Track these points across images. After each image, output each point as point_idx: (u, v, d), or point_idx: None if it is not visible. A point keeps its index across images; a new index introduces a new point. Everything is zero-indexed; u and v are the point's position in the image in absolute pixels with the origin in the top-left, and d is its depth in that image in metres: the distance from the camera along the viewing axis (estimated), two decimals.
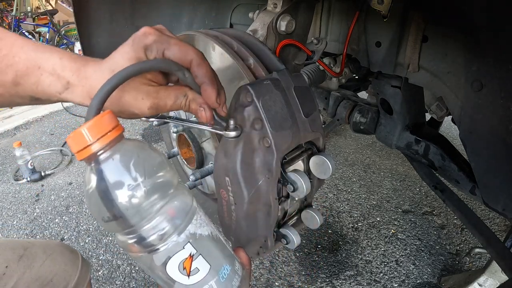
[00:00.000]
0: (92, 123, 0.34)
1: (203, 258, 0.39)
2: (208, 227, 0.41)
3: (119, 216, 0.34)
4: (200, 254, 0.39)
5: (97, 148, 0.34)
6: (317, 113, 0.55)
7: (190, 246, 0.38)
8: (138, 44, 0.40)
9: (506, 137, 0.67)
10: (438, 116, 1.10)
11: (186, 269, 0.38)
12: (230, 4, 1.24)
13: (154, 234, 0.36)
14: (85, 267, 0.80)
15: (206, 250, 0.40)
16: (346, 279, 1.50)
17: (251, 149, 0.50)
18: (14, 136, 2.97)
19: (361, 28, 0.93)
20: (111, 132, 0.35)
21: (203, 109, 0.44)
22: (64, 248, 0.81)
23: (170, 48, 0.40)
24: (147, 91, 0.42)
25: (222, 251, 0.42)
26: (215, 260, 0.40)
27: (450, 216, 1.84)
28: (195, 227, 0.39)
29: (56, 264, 0.75)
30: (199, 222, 0.40)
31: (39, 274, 0.71)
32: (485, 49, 0.66)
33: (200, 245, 0.39)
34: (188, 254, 0.38)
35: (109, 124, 0.35)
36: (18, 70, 0.42)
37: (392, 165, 2.31)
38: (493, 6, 0.60)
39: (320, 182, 0.62)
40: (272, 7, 0.81)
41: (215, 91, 0.43)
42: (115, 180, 0.34)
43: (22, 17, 5.31)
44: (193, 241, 0.38)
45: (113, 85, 0.37)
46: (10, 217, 1.97)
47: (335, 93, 1.29)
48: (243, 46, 0.62)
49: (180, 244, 0.37)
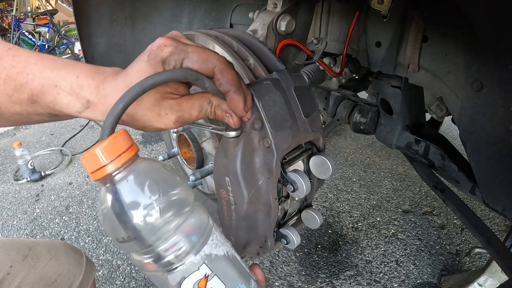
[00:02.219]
0: (106, 143, 0.34)
1: (218, 279, 0.38)
2: (224, 246, 0.41)
3: (135, 237, 0.34)
4: (216, 274, 0.38)
5: (111, 169, 0.34)
6: (317, 113, 0.55)
7: (206, 267, 0.38)
8: (155, 59, 0.38)
9: (506, 137, 0.67)
10: (438, 116, 1.10)
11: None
12: (230, 4, 1.24)
13: (171, 254, 0.35)
14: (89, 267, 0.80)
15: (221, 270, 0.39)
16: (346, 279, 1.50)
17: (251, 149, 0.50)
18: (14, 136, 2.98)
19: (361, 28, 0.93)
20: (126, 153, 0.34)
21: (230, 115, 0.42)
22: (69, 248, 0.81)
23: (189, 58, 0.38)
24: (170, 105, 0.41)
25: (238, 270, 0.42)
26: (230, 280, 0.40)
27: (450, 216, 1.84)
28: (211, 248, 0.39)
29: (60, 264, 0.75)
30: (215, 242, 0.39)
31: (43, 274, 0.71)
32: (485, 49, 0.66)
33: (216, 265, 0.39)
34: (203, 275, 0.37)
35: (123, 144, 0.35)
36: (34, 89, 0.40)
37: (392, 165, 2.31)
38: (493, 6, 0.60)
39: (320, 182, 0.62)
40: (272, 7, 0.81)
41: (242, 99, 0.40)
42: (130, 200, 0.34)
43: (22, 17, 5.31)
44: (209, 262, 0.38)
45: (126, 103, 0.36)
46: (10, 217, 1.97)
47: (335, 93, 1.29)
48: (243, 46, 0.62)
49: (196, 265, 0.37)
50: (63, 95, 0.40)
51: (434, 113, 1.12)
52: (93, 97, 0.40)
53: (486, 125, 0.71)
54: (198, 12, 1.32)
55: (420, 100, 1.05)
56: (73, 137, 2.83)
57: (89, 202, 2.06)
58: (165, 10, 1.35)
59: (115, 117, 0.36)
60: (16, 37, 5.07)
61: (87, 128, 2.98)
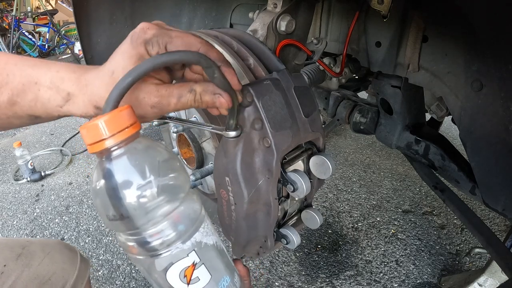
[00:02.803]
0: (110, 116, 0.33)
1: (205, 268, 0.38)
2: (214, 236, 0.41)
3: (125, 216, 0.33)
4: (203, 263, 0.38)
5: (111, 143, 0.32)
6: (317, 113, 0.55)
7: (195, 255, 0.37)
8: (137, 41, 0.38)
9: (506, 137, 0.67)
10: (438, 116, 1.10)
11: (187, 277, 0.37)
12: (230, 4, 1.24)
13: (159, 239, 0.35)
14: (83, 265, 0.80)
15: (209, 259, 0.39)
16: (346, 279, 1.50)
17: (251, 149, 0.50)
18: (14, 136, 2.97)
19: (361, 28, 0.93)
20: (129, 129, 0.33)
21: (220, 95, 0.40)
22: (63, 246, 0.81)
23: (173, 42, 0.38)
24: (149, 89, 0.40)
25: (224, 262, 0.42)
26: (216, 270, 0.40)
27: (450, 216, 1.84)
28: (201, 236, 0.38)
29: (54, 262, 0.75)
30: (206, 231, 0.39)
31: (37, 272, 0.71)
32: (485, 49, 0.66)
33: (204, 254, 0.38)
34: (191, 262, 0.37)
35: (127, 120, 0.33)
36: (14, 88, 0.40)
37: (392, 165, 2.31)
38: (493, 6, 0.60)
39: (320, 182, 0.62)
40: (272, 7, 0.81)
41: (233, 71, 0.40)
42: (125, 179, 0.33)
43: (22, 17, 5.31)
44: (198, 250, 0.38)
45: (134, 77, 0.34)
46: (10, 217, 1.97)
47: (335, 93, 1.29)
48: (243, 46, 0.62)
49: (185, 252, 0.37)
50: (43, 91, 0.40)
51: (434, 113, 1.12)
52: (73, 88, 0.40)
53: (486, 125, 0.71)
54: (198, 12, 1.32)
55: (420, 100, 1.05)
56: (73, 137, 2.83)
57: (89, 202, 2.05)
58: (165, 10, 1.35)
59: (121, 90, 0.34)
60: (16, 37, 5.07)
61: None
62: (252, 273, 1.53)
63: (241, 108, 0.49)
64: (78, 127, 3.08)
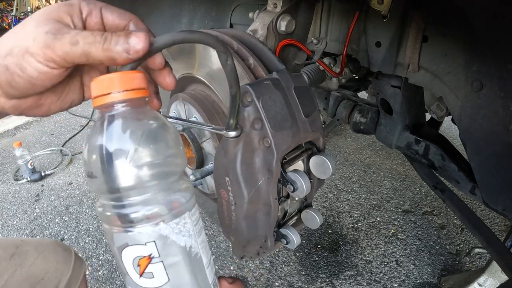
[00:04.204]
0: (123, 74, 0.32)
1: (163, 268, 0.34)
2: (191, 240, 0.35)
3: (109, 174, 0.31)
4: (162, 261, 0.33)
5: (118, 98, 0.32)
6: (317, 113, 0.55)
7: (153, 247, 0.33)
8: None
9: (506, 137, 0.67)
10: (438, 116, 1.10)
11: (140, 267, 0.33)
12: (230, 4, 1.24)
13: (127, 210, 0.32)
14: (78, 264, 0.80)
15: (172, 262, 0.34)
16: (346, 279, 1.50)
17: (251, 149, 0.50)
18: (14, 136, 2.97)
19: (361, 28, 0.93)
20: (139, 91, 0.33)
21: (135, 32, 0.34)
22: (57, 245, 0.80)
23: (108, 8, 0.36)
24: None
25: (194, 275, 0.36)
26: (178, 278, 0.35)
27: (450, 216, 1.84)
28: (170, 230, 0.33)
29: (48, 262, 0.74)
30: (180, 228, 0.34)
31: (30, 272, 0.70)
32: (485, 49, 0.66)
33: (167, 252, 0.34)
34: (147, 253, 0.33)
35: (139, 82, 0.33)
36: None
37: (392, 165, 2.31)
38: (493, 6, 0.60)
39: (320, 182, 0.62)
40: (272, 7, 0.81)
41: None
42: (122, 139, 0.31)
43: (22, 17, 5.31)
44: (160, 244, 0.33)
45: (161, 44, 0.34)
46: (10, 217, 1.97)
47: (335, 93, 1.29)
48: (243, 46, 0.62)
49: (143, 238, 0.32)
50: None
51: (434, 113, 1.12)
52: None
53: (486, 125, 0.71)
54: (198, 12, 1.32)
55: (420, 100, 1.05)
56: (73, 137, 2.83)
57: (89, 202, 2.05)
58: (165, 10, 1.35)
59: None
60: None
61: (87, 128, 2.98)
62: (252, 273, 1.53)
63: (241, 108, 0.49)
64: (78, 127, 3.07)
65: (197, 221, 0.37)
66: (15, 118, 3.24)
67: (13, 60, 0.32)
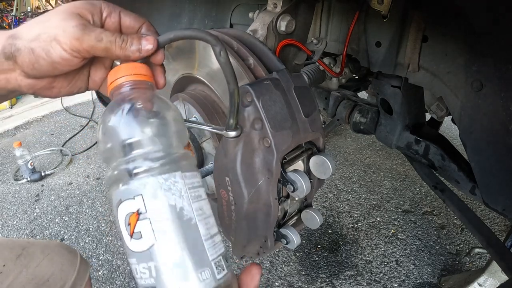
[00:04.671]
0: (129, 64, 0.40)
1: (150, 226, 0.32)
2: (183, 201, 0.33)
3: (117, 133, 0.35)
4: (149, 218, 0.32)
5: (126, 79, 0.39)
6: (317, 113, 0.55)
7: (141, 202, 0.32)
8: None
9: (506, 137, 0.67)
10: (438, 116, 1.10)
11: (131, 226, 0.32)
12: (230, 4, 1.24)
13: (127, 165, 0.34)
14: (83, 267, 0.80)
15: (159, 220, 0.32)
16: (346, 279, 1.50)
17: (251, 149, 0.50)
18: (14, 136, 2.97)
19: (361, 28, 0.93)
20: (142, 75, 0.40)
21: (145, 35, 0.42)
22: (63, 248, 0.81)
23: (125, 11, 0.43)
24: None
25: (186, 242, 0.32)
26: (166, 242, 0.32)
27: (450, 216, 1.84)
28: (158, 184, 0.33)
29: (53, 264, 0.75)
30: (168, 185, 0.33)
31: (35, 273, 0.71)
32: (485, 49, 0.66)
33: (154, 208, 0.32)
34: (135, 208, 0.32)
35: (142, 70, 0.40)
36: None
37: (392, 165, 2.31)
38: (493, 6, 0.60)
39: (320, 182, 0.62)
40: (272, 7, 0.81)
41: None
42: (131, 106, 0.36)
43: (22, 17, 5.31)
44: (147, 198, 0.32)
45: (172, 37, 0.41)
46: (10, 217, 1.97)
47: (335, 93, 1.29)
48: (243, 46, 0.62)
49: (132, 192, 0.33)
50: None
51: (434, 113, 1.12)
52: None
53: (486, 125, 0.71)
54: (198, 12, 1.32)
55: (420, 100, 1.05)
56: (73, 137, 2.83)
57: (89, 202, 2.06)
58: (165, 10, 1.35)
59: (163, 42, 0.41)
60: None
61: (87, 128, 2.98)
62: None
63: (241, 108, 0.49)
64: (78, 127, 3.08)
65: (194, 189, 0.36)
66: (15, 118, 3.24)
67: (40, 45, 0.37)
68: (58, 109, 3.38)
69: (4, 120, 3.22)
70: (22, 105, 3.50)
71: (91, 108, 3.28)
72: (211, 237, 0.35)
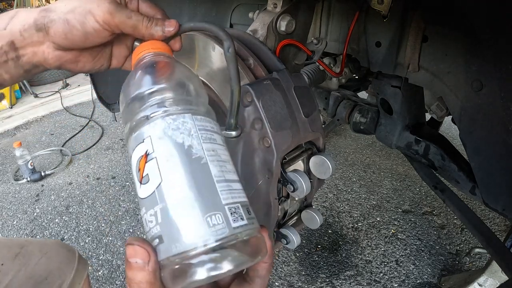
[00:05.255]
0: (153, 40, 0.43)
1: (156, 165, 0.30)
2: (191, 139, 0.32)
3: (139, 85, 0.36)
4: (156, 157, 0.30)
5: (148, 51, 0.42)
6: (317, 113, 0.55)
7: (149, 142, 0.31)
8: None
9: (506, 137, 0.67)
10: (438, 116, 1.10)
11: (140, 171, 0.31)
12: (230, 4, 1.24)
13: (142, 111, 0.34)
14: (81, 265, 0.80)
15: (166, 156, 0.30)
16: (346, 279, 1.50)
17: (251, 149, 0.50)
18: (14, 136, 2.97)
19: (361, 28, 0.93)
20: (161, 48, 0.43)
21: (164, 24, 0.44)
22: (61, 246, 0.81)
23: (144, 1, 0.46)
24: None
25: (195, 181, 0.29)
26: (173, 180, 0.29)
27: (450, 216, 1.84)
28: (166, 125, 0.32)
29: (51, 262, 0.75)
30: (177, 125, 0.32)
31: (33, 272, 0.71)
32: (485, 49, 0.66)
33: (161, 146, 0.31)
34: (144, 150, 0.31)
35: (161, 46, 0.43)
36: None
37: (392, 165, 2.31)
38: (493, 6, 0.60)
39: (320, 182, 0.62)
40: (272, 7, 0.81)
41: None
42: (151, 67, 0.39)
43: None
44: (155, 138, 0.31)
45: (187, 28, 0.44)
46: (10, 217, 1.97)
47: (335, 93, 1.29)
48: (243, 46, 0.62)
49: (141, 135, 0.32)
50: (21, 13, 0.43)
51: (434, 113, 1.12)
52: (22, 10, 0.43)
53: (486, 125, 0.71)
54: (198, 12, 1.32)
55: (420, 100, 1.05)
56: (73, 137, 2.83)
57: (89, 202, 2.06)
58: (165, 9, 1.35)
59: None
60: None
61: (87, 128, 2.98)
62: None
63: (242, 108, 0.49)
64: (78, 127, 3.07)
65: (206, 131, 0.34)
66: (16, 117, 3.24)
67: (75, 17, 0.40)
68: (58, 109, 3.37)
69: (4, 120, 3.22)
70: (22, 105, 3.50)
71: (91, 108, 3.28)
72: (226, 180, 0.31)
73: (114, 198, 2.07)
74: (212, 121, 0.36)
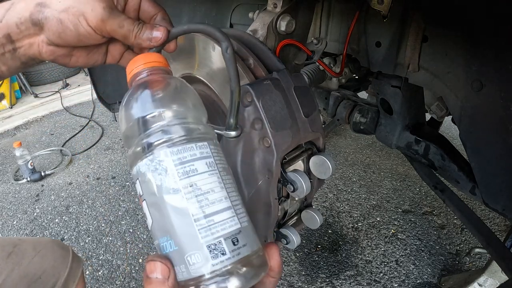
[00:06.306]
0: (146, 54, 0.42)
1: (147, 208, 0.33)
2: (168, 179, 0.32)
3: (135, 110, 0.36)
4: (145, 200, 0.33)
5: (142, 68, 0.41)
6: (317, 113, 0.55)
7: (139, 185, 0.34)
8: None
9: (506, 137, 0.67)
10: (438, 116, 1.10)
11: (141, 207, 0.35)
12: (230, 4, 1.24)
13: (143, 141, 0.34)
14: (75, 263, 0.80)
15: (152, 201, 0.32)
16: (346, 279, 1.50)
17: (251, 149, 0.50)
18: (14, 136, 2.98)
19: (361, 28, 0.93)
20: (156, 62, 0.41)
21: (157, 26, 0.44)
22: (55, 244, 0.81)
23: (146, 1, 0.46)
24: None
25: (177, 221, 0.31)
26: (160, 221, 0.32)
27: (450, 216, 1.84)
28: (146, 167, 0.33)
29: (45, 260, 0.75)
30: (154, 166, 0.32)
31: (27, 271, 0.71)
32: (485, 49, 0.66)
33: (146, 189, 0.33)
34: (138, 192, 0.34)
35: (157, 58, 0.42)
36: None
37: (392, 165, 2.31)
38: (493, 6, 0.60)
39: (320, 182, 0.62)
40: (272, 7, 0.81)
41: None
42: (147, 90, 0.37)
43: None
44: (141, 181, 0.33)
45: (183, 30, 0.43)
46: (10, 217, 1.97)
47: (335, 93, 1.29)
48: (243, 46, 0.62)
49: (133, 176, 0.35)
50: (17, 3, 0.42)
51: (434, 113, 1.12)
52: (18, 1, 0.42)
53: (486, 125, 0.71)
54: (198, 12, 1.32)
55: (420, 100, 1.05)
56: (73, 137, 2.83)
57: (89, 202, 2.06)
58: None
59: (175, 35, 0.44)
60: None
61: (87, 128, 2.98)
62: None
63: (242, 108, 0.49)
64: (78, 127, 3.07)
65: (184, 164, 0.33)
66: (15, 118, 3.24)
67: (68, 17, 0.40)
68: (58, 109, 3.38)
69: (4, 120, 3.22)
70: (22, 105, 3.50)
71: (91, 108, 3.28)
72: (205, 216, 0.31)
73: (114, 198, 2.07)
74: (195, 143, 0.34)
